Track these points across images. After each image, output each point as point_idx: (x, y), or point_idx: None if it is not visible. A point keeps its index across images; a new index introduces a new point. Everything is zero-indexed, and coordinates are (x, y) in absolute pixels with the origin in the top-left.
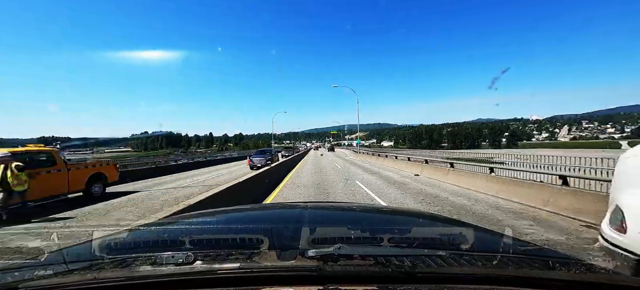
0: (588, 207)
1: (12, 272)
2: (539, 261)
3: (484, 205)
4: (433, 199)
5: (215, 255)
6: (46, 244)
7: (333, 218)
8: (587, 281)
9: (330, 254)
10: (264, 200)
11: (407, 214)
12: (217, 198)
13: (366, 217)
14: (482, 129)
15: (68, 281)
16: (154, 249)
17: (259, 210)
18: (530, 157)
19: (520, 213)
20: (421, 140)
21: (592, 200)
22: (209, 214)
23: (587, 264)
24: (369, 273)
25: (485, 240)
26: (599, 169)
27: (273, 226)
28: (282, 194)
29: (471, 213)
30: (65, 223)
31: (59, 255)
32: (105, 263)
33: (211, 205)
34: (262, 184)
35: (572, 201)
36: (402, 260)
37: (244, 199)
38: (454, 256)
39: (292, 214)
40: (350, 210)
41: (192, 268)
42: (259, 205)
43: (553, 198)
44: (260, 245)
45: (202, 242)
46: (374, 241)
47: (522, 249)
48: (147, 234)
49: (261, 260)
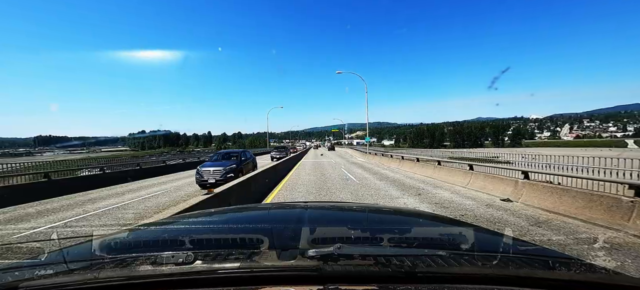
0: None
1: (12, 272)
2: (539, 261)
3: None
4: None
5: (215, 255)
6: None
7: (333, 218)
8: (587, 281)
9: (330, 254)
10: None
11: (407, 214)
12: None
13: (366, 217)
14: (484, 127)
15: (68, 281)
16: (154, 248)
17: (259, 210)
18: (564, 158)
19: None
20: (423, 139)
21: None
22: (209, 214)
23: (587, 264)
24: (369, 273)
25: (485, 240)
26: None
27: (273, 226)
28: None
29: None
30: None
31: (59, 255)
32: (105, 263)
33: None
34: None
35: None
36: (402, 260)
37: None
38: (454, 256)
39: (292, 214)
40: (350, 210)
41: (192, 268)
42: (259, 205)
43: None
44: (260, 245)
45: (202, 242)
46: (374, 241)
47: (522, 249)
48: (147, 233)
49: (261, 260)
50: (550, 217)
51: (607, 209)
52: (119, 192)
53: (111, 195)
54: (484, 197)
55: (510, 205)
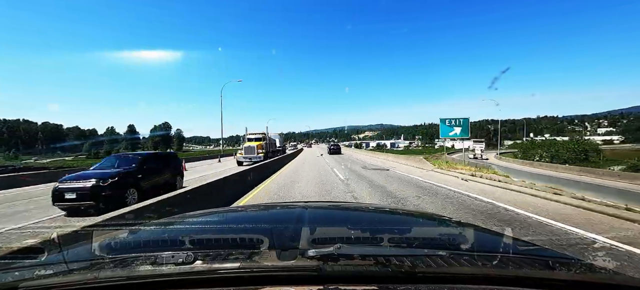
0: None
1: (12, 272)
2: (539, 261)
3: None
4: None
5: (215, 255)
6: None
7: (333, 218)
8: (587, 281)
9: (330, 254)
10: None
11: (407, 214)
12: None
13: (366, 217)
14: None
15: (68, 281)
16: (154, 248)
17: (259, 210)
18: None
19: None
20: (433, 139)
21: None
22: (209, 214)
23: (587, 264)
24: (369, 273)
25: (485, 240)
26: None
27: (273, 226)
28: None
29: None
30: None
31: (59, 255)
32: (105, 263)
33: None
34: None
35: None
36: (402, 260)
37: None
38: (454, 256)
39: (292, 214)
40: (350, 210)
41: (192, 268)
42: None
43: None
44: (260, 245)
45: (202, 242)
46: (374, 241)
47: (522, 249)
48: (147, 233)
49: (261, 260)
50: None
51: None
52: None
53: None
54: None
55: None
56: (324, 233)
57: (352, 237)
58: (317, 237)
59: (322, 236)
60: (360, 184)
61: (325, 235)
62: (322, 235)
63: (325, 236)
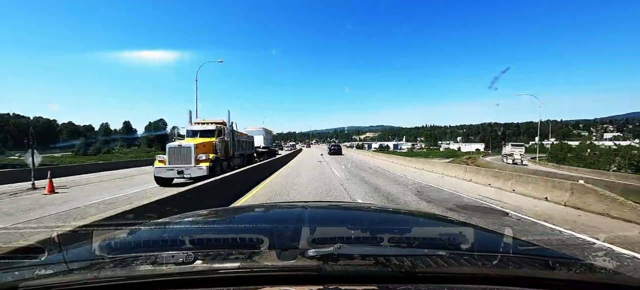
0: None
1: (12, 272)
2: (539, 261)
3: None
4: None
5: (215, 255)
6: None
7: (333, 218)
8: (587, 281)
9: (330, 254)
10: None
11: (407, 214)
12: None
13: (366, 216)
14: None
15: (68, 281)
16: (154, 248)
17: (259, 210)
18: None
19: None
20: (437, 141)
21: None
22: (209, 214)
23: (587, 264)
24: (369, 273)
25: (485, 240)
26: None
27: (273, 226)
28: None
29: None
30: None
31: (59, 255)
32: (105, 263)
33: None
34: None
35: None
36: (402, 260)
37: None
38: (454, 256)
39: (292, 214)
40: (350, 210)
41: (192, 268)
42: (259, 205)
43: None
44: (260, 245)
45: (202, 242)
46: (374, 241)
47: (522, 249)
48: (147, 233)
49: (261, 260)
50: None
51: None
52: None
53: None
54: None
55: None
56: (324, 233)
57: (352, 237)
58: (317, 237)
59: (322, 236)
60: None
61: (325, 235)
62: (322, 235)
63: (325, 236)
